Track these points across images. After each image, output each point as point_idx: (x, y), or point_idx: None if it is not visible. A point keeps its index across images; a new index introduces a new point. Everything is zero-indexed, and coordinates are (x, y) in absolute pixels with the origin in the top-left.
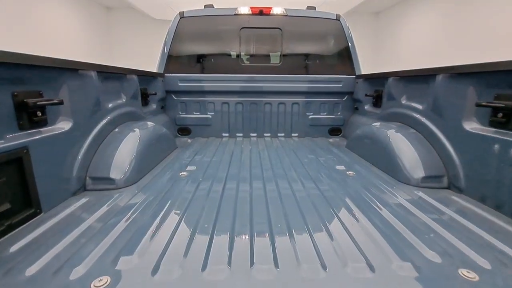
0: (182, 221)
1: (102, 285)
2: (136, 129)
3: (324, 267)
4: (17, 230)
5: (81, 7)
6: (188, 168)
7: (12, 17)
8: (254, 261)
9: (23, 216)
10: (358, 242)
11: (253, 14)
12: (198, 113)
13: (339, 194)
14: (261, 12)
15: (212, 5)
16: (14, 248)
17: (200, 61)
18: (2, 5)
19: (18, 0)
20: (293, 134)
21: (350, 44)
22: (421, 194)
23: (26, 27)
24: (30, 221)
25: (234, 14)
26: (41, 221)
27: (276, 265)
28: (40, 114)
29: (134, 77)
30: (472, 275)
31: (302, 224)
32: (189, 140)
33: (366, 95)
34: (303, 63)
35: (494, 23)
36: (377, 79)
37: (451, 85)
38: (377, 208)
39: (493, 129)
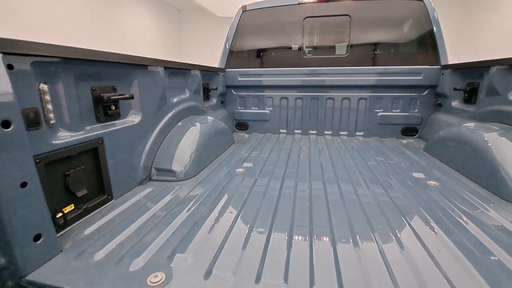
0: (238, 219)
1: (157, 282)
2: (197, 124)
3: None
4: (92, 214)
5: (155, 9)
6: (245, 164)
7: (96, 19)
8: (315, 280)
9: (97, 201)
10: (445, 272)
11: (318, 1)
12: (256, 108)
13: (417, 207)
14: None
15: None
16: (88, 231)
17: (261, 55)
18: (88, 9)
19: (102, 3)
20: (357, 133)
21: (435, 28)
22: None
23: (108, 28)
24: (103, 207)
25: (298, 3)
26: (112, 207)
27: (340, 284)
28: (114, 107)
29: (197, 72)
30: None
31: (370, 236)
32: (246, 135)
33: (455, 89)
34: (373, 53)
35: None
36: (473, 69)
37: None
38: (472, 230)
39: None
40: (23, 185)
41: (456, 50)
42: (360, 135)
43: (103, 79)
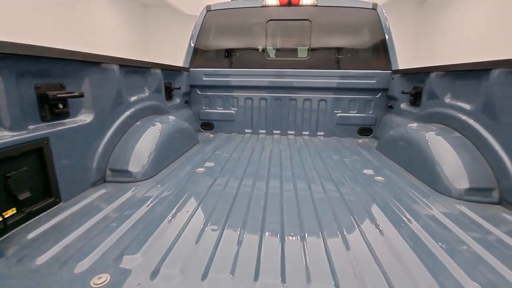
0: (193, 218)
1: (101, 283)
2: (157, 123)
3: (338, 287)
4: (36, 218)
5: (120, 4)
6: (206, 164)
7: (56, 14)
8: (260, 274)
9: (42, 204)
10: (381, 261)
11: (281, 5)
12: (222, 108)
13: (363, 201)
14: (289, 3)
15: None
16: (31, 235)
17: (225, 55)
18: (49, 9)
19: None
20: (318, 133)
21: (387, 36)
22: (463, 208)
23: (69, 24)
24: (49, 210)
25: (262, 6)
26: (59, 210)
27: (283, 280)
28: (61, 106)
29: (158, 71)
30: None
31: (317, 230)
32: (211, 135)
33: (403, 92)
34: (332, 57)
35: None
36: (417, 75)
37: (510, 81)
38: (407, 221)
39: None
40: None
41: (414, 55)
42: (321, 135)
43: (49, 77)
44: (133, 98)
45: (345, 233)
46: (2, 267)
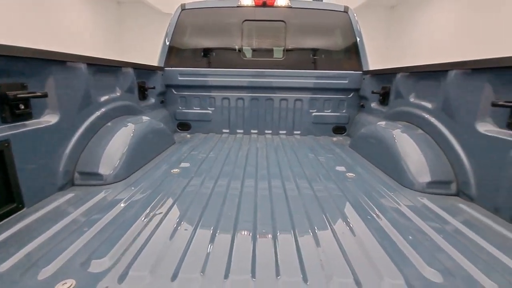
0: (164, 220)
1: None
2: (129, 124)
3: (305, 280)
4: None
5: (92, 1)
6: (182, 164)
7: (26, 11)
8: (230, 271)
9: (3, 211)
10: (347, 253)
11: (256, 5)
12: (199, 108)
13: (334, 197)
14: (264, 4)
15: None
16: None
17: (201, 55)
18: (17, 6)
19: None
20: (295, 132)
21: (358, 38)
22: (425, 200)
23: (40, 21)
24: (11, 216)
25: (237, 6)
26: (22, 216)
27: (253, 276)
28: (23, 107)
29: (130, 70)
30: None
31: (288, 227)
32: (188, 135)
33: (372, 92)
34: (307, 58)
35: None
36: (385, 75)
37: (464, 82)
38: (374, 215)
39: (509, 132)
40: None
41: (386, 56)
42: (297, 134)
43: (9, 76)
44: (103, 98)
45: (315, 228)
46: None
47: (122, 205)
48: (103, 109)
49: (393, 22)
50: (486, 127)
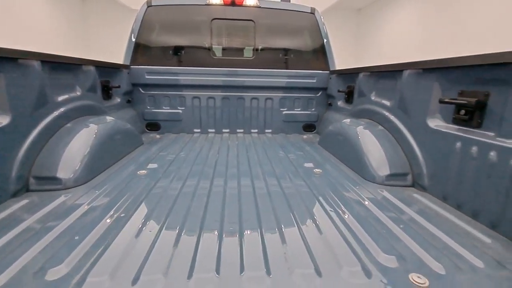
0: (127, 223)
1: None
2: (91, 124)
3: (269, 274)
4: None
5: None
6: (149, 165)
7: None
8: (194, 270)
9: None
10: (310, 246)
11: (224, 4)
12: (168, 108)
13: (301, 193)
14: (233, 3)
15: None
16: None
17: (169, 53)
18: None
19: None
20: (266, 130)
21: (324, 39)
22: (385, 192)
23: None
24: None
25: (205, 4)
26: None
27: (218, 273)
28: None
29: (91, 68)
30: (422, 281)
31: (255, 225)
32: (158, 136)
33: (338, 91)
34: (276, 57)
35: (475, 15)
36: (349, 75)
37: (416, 81)
38: (337, 208)
39: (456, 127)
40: None
41: (355, 55)
42: (269, 132)
43: None
44: (61, 98)
45: (282, 225)
46: None
47: (83, 209)
48: (61, 109)
49: (361, 24)
50: (435, 123)
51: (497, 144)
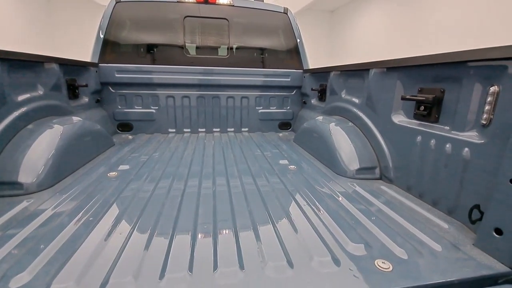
0: (95, 228)
1: None
2: (55, 125)
3: (242, 267)
4: None
5: None
6: (120, 167)
7: None
8: (166, 270)
9: None
10: (283, 240)
11: (197, 2)
12: (140, 108)
13: (275, 189)
14: (206, 1)
15: None
16: None
17: (140, 51)
18: None
19: None
20: (243, 129)
21: (297, 39)
22: (355, 186)
23: None
24: None
25: (177, 1)
26: None
27: (190, 270)
28: None
29: (55, 66)
30: (386, 266)
31: (230, 223)
32: (130, 136)
33: (312, 89)
34: (251, 56)
35: (436, 17)
36: (322, 74)
37: (381, 80)
38: (310, 203)
39: (417, 121)
40: None
41: (329, 54)
42: (245, 131)
43: None
44: (21, 98)
45: (256, 221)
46: None
47: (47, 214)
48: (22, 110)
49: (334, 24)
50: (399, 118)
51: (451, 137)
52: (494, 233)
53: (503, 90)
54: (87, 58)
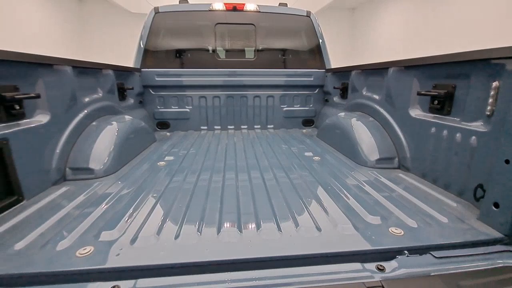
0: (157, 205)
1: (86, 253)
2: (113, 123)
3: (280, 230)
4: (2, 215)
5: None
6: (166, 158)
7: None
8: (221, 229)
9: (5, 203)
10: (314, 216)
11: (227, 10)
12: (177, 107)
13: (303, 178)
14: (234, 8)
15: (187, 0)
16: (0, 230)
17: (176, 56)
18: None
19: None
20: (268, 126)
21: (320, 40)
22: (375, 174)
23: None
24: (13, 208)
25: (209, 10)
26: (24, 207)
27: (240, 230)
28: (18, 107)
29: (110, 72)
30: (398, 231)
31: (270, 213)
32: (168, 133)
33: (334, 87)
34: (276, 57)
35: (461, 14)
36: (343, 73)
37: (399, 77)
38: (335, 187)
39: (431, 115)
40: None
41: (351, 53)
42: (271, 128)
43: (2, 79)
44: (87, 99)
45: (291, 205)
46: None
47: (118, 193)
48: (88, 109)
49: (355, 22)
50: (415, 112)
51: (461, 127)
52: (493, 207)
53: (502, 85)
54: (119, 63)
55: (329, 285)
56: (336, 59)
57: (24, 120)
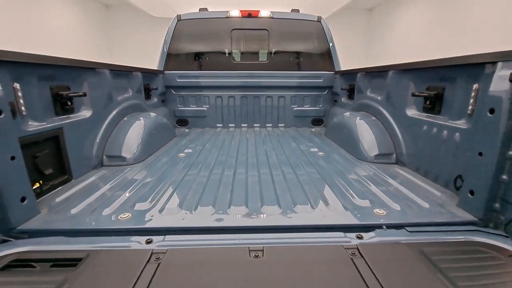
0: (178, 187)
1: (126, 217)
2: (141, 118)
3: (280, 206)
4: (57, 189)
5: (79, 5)
6: (186, 150)
7: (11, 15)
8: (231, 206)
9: (60, 180)
10: (309, 196)
11: (242, 16)
12: (195, 106)
13: (307, 170)
14: (249, 15)
15: (206, 8)
16: (59, 199)
17: (196, 59)
18: (2, 3)
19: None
20: (279, 125)
21: (330, 43)
22: (373, 168)
23: (26, 25)
24: (65, 185)
25: (226, 17)
26: (73, 184)
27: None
28: (69, 103)
29: (139, 74)
30: (381, 212)
31: (274, 205)
32: (186, 130)
33: (342, 88)
34: (288, 60)
35: (482, 15)
36: (351, 75)
37: (398, 79)
38: (334, 179)
39: (424, 114)
40: (12, 158)
41: (368, 54)
42: (281, 126)
43: (58, 80)
44: (120, 98)
45: (294, 195)
46: (44, 216)
47: (147, 176)
48: (120, 107)
49: (372, 23)
50: (411, 112)
51: (448, 125)
52: (469, 194)
53: (480, 87)
54: (140, 65)
55: (314, 245)
56: (350, 61)
57: (73, 114)
